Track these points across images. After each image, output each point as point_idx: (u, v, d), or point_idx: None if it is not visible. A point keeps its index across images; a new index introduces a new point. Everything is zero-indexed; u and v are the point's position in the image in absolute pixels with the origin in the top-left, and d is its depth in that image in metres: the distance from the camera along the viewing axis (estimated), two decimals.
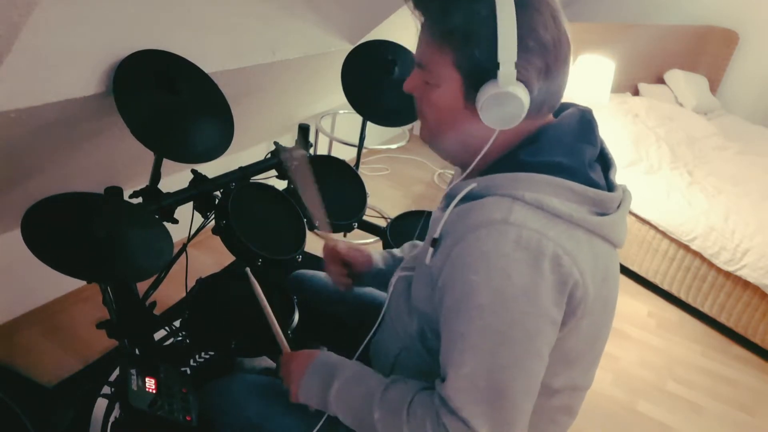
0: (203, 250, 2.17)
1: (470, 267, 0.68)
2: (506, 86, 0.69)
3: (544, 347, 0.70)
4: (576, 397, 0.85)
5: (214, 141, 1.27)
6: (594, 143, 0.78)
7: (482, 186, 0.74)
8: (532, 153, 0.74)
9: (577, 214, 0.70)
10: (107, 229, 0.99)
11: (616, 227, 0.74)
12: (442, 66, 0.73)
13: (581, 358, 0.79)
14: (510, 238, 0.66)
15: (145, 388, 0.93)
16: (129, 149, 1.37)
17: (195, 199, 1.34)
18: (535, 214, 0.68)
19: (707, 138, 2.98)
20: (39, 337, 1.71)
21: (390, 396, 0.78)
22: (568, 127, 0.77)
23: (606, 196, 0.73)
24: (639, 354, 2.14)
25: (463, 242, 0.69)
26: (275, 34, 1.59)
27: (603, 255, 0.73)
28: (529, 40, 0.68)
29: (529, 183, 0.70)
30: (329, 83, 2.14)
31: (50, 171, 1.39)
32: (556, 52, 0.71)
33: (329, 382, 0.83)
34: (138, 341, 1.30)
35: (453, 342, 0.71)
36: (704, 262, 2.32)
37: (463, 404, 0.69)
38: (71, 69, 1.08)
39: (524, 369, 0.69)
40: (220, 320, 1.21)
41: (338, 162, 1.68)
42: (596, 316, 0.74)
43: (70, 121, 1.18)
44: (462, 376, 0.69)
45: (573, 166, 0.73)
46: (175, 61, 1.24)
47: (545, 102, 0.74)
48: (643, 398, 1.93)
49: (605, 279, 0.74)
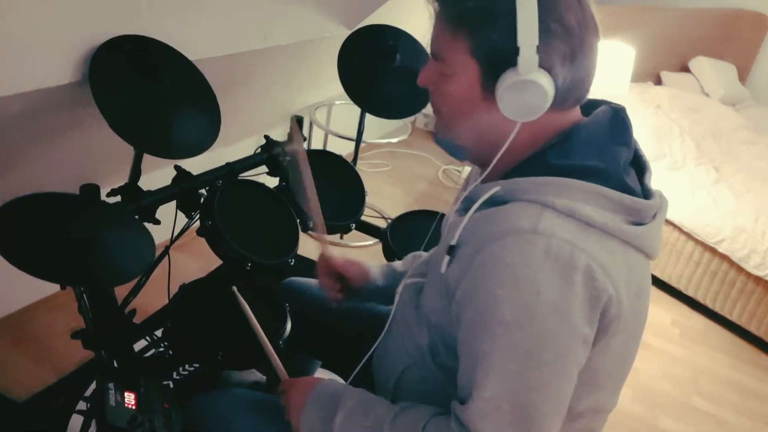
0: (187, 254, 2.17)
1: (494, 279, 0.67)
2: (527, 73, 0.68)
3: (573, 368, 0.69)
4: (599, 420, 0.84)
5: (199, 134, 1.27)
6: (629, 144, 0.77)
7: (506, 190, 0.73)
8: (563, 155, 0.73)
9: (612, 223, 0.69)
10: (83, 231, 0.99)
11: (652, 238, 0.73)
12: (458, 54, 0.73)
13: (608, 380, 0.78)
14: (539, 249, 0.65)
15: (124, 404, 0.93)
16: (106, 143, 1.37)
17: (178, 198, 1.34)
18: (567, 223, 0.67)
19: (735, 131, 2.99)
20: (9, 347, 1.71)
21: (400, 424, 0.77)
22: (600, 126, 0.76)
23: (643, 204, 0.73)
24: (661, 366, 2.15)
25: (486, 252, 0.68)
26: (266, 18, 1.59)
27: (637, 267, 0.72)
28: (551, 22, 0.67)
29: (559, 188, 0.69)
30: (325, 71, 2.14)
31: (20, 168, 1.39)
32: (582, 37, 0.70)
33: (332, 412, 0.82)
34: (116, 352, 1.30)
35: (475, 361, 0.70)
36: (732, 266, 2.32)
37: (484, 429, 0.68)
38: (43, 56, 1.07)
39: (553, 391, 0.68)
40: (206, 329, 1.21)
41: (334, 157, 1.68)
42: (628, 334, 0.74)
43: (42, 113, 1.18)
44: (484, 399, 0.68)
45: (607, 170, 0.72)
46: (156, 48, 1.23)
47: (571, 92, 0.73)
48: (665, 414, 1.93)
49: (639, 294, 0.73)
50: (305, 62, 2.00)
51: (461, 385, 0.73)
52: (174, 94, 1.23)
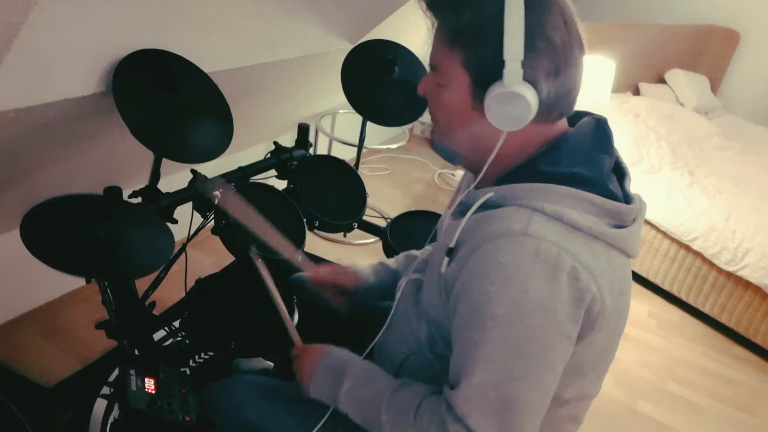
0: (202, 251, 2.17)
1: (487, 277, 0.67)
2: (512, 86, 0.68)
3: (557, 362, 0.70)
4: (583, 406, 0.85)
5: (214, 141, 1.27)
6: (611, 153, 0.78)
7: (500, 195, 0.73)
8: (552, 162, 0.73)
9: (596, 226, 0.69)
10: (108, 229, 0.99)
11: (632, 239, 0.74)
12: (452, 66, 0.73)
13: (592, 370, 0.79)
14: (529, 250, 0.66)
15: (144, 389, 0.93)
16: (128, 149, 1.37)
17: (194, 199, 1.34)
18: (555, 227, 0.68)
19: (708, 138, 2.99)
20: (38, 337, 1.71)
21: (398, 399, 0.78)
22: (585, 136, 0.77)
23: (624, 209, 0.73)
24: (639, 354, 2.15)
25: (481, 251, 0.69)
26: (275, 34, 1.59)
27: (619, 267, 0.73)
28: (537, 40, 0.68)
29: (548, 194, 0.70)
30: (329, 83, 2.14)
31: (49, 171, 1.39)
32: (566, 54, 0.70)
33: (340, 380, 0.84)
34: (137, 341, 1.30)
35: (465, 350, 0.71)
36: (705, 263, 2.32)
37: (470, 413, 0.69)
38: (70, 68, 1.08)
39: (536, 383, 0.69)
40: (220, 320, 1.21)
41: (338, 162, 1.68)
42: (611, 329, 0.74)
43: (69, 121, 1.19)
44: (472, 385, 0.69)
45: (592, 177, 0.73)
46: (174, 61, 1.24)
47: (555, 105, 0.73)
48: (643, 398, 1.93)
49: (621, 292, 0.74)
50: (311, 74, 2.00)
51: (452, 371, 0.73)
52: (190, 104, 1.23)
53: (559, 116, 0.76)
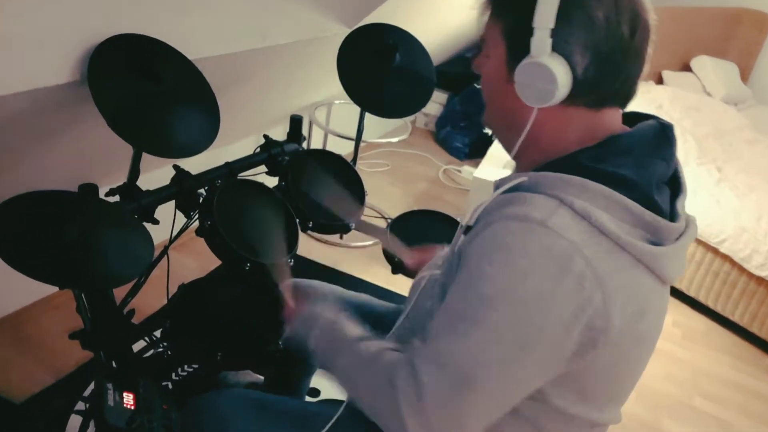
0: (186, 253, 2.18)
1: (487, 255, 0.68)
2: (539, 56, 0.69)
3: (533, 364, 0.69)
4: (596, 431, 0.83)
5: (198, 134, 1.27)
6: (668, 160, 0.77)
7: (532, 181, 0.73)
8: (595, 158, 0.73)
9: (625, 236, 0.68)
10: (81, 231, 0.99)
11: (668, 261, 0.72)
12: (494, 36, 0.76)
13: (596, 395, 0.77)
14: (541, 243, 0.66)
15: (122, 404, 0.93)
16: (105, 143, 1.37)
17: (177, 198, 1.34)
18: (579, 225, 0.67)
19: (738, 131, 2.99)
20: (7, 348, 1.71)
21: (362, 346, 0.81)
22: (643, 138, 0.75)
23: (664, 225, 0.71)
24: (663, 367, 2.15)
25: (491, 228, 0.69)
26: (265, 17, 1.59)
27: (644, 288, 0.71)
28: (574, 9, 0.68)
29: (581, 189, 0.69)
30: (324, 71, 2.14)
31: (19, 167, 1.39)
32: (610, 33, 0.69)
33: (310, 327, 0.88)
34: (115, 353, 1.30)
35: (446, 315, 0.72)
36: (734, 267, 2.32)
37: (428, 370, 0.69)
38: (42, 55, 1.08)
39: (502, 373, 0.68)
40: (205, 330, 1.21)
41: (334, 157, 1.68)
42: (621, 353, 0.73)
43: (41, 112, 1.18)
44: (440, 349, 0.69)
45: (637, 181, 0.71)
46: (155, 47, 1.24)
47: (596, 87, 0.72)
48: (667, 416, 1.93)
49: (642, 313, 0.72)
50: (305, 61, 2.00)
51: (429, 327, 0.73)
52: (173, 93, 1.23)
53: (601, 103, 0.75)
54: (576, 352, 0.69)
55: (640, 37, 0.72)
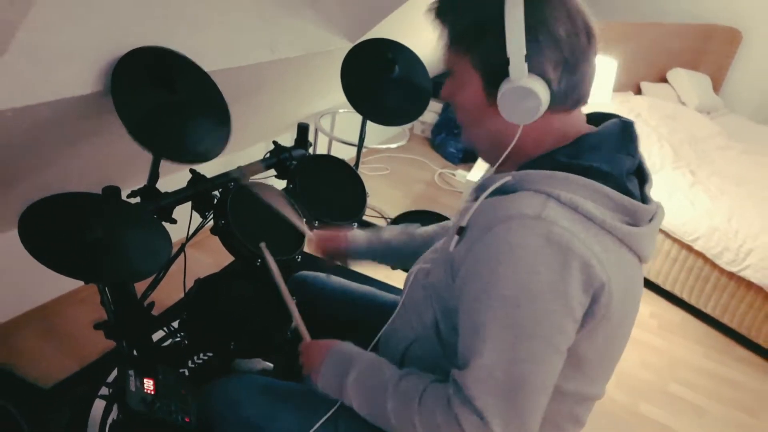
0: (202, 250, 2.17)
1: (497, 258, 0.68)
2: (519, 80, 0.70)
3: (563, 344, 0.70)
4: (584, 406, 0.84)
5: (213, 140, 1.27)
6: (634, 155, 0.79)
7: (517, 180, 0.74)
8: (570, 155, 0.75)
9: (609, 220, 0.70)
10: (105, 230, 0.99)
11: (644, 241, 0.75)
12: (464, 69, 0.76)
13: (592, 367, 0.79)
14: (540, 234, 0.67)
15: (143, 390, 0.93)
16: (127, 149, 1.37)
17: (193, 199, 1.34)
18: (569, 215, 0.69)
19: (710, 137, 2.99)
20: (36, 338, 1.71)
21: (403, 386, 0.79)
22: (609, 136, 0.78)
23: (640, 208, 0.74)
24: (641, 355, 2.15)
25: (492, 233, 0.70)
26: (274, 32, 1.59)
27: (628, 266, 0.74)
28: (539, 32, 0.70)
29: (565, 183, 0.71)
30: (329, 82, 2.14)
31: (47, 171, 1.39)
32: (573, 44, 0.71)
33: (346, 372, 0.85)
34: (136, 342, 1.30)
35: (474, 331, 0.71)
36: (707, 263, 2.32)
37: (479, 394, 0.69)
38: (68, 68, 1.08)
39: (543, 364, 0.69)
40: (219, 321, 1.21)
41: (338, 161, 1.68)
42: (613, 327, 0.74)
43: (67, 121, 1.18)
44: (480, 366, 0.69)
45: (611, 172, 0.74)
46: (173, 59, 1.24)
47: (569, 94, 0.75)
48: (644, 400, 1.93)
49: (627, 290, 0.74)
50: (311, 73, 2.00)
51: (461, 353, 0.73)
52: (189, 103, 1.23)
53: (574, 105, 0.77)
54: (581, 324, 0.70)
55: (593, 42, 0.74)
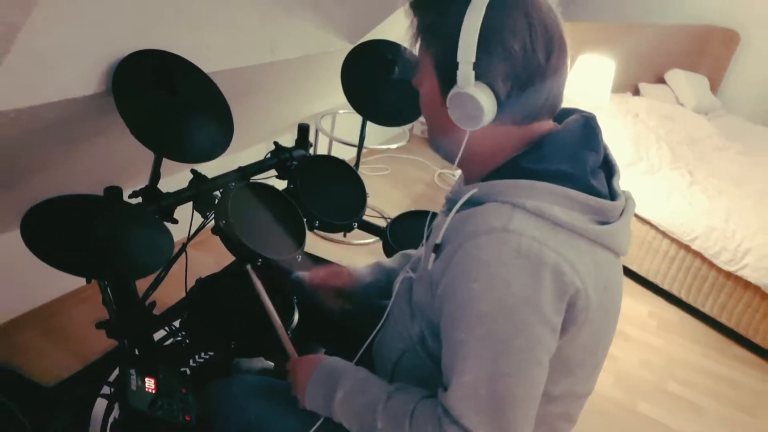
0: (203, 250, 2.17)
1: (470, 275, 0.67)
2: (464, 87, 0.70)
3: (544, 355, 0.70)
4: (576, 404, 0.84)
5: (214, 140, 1.27)
6: (597, 150, 0.78)
7: (483, 192, 0.74)
8: (534, 160, 0.74)
9: (578, 223, 0.69)
10: (107, 229, 0.99)
11: (618, 236, 0.74)
12: (426, 63, 0.76)
13: (581, 366, 0.79)
14: (510, 247, 0.66)
15: (144, 388, 0.93)
16: (128, 149, 1.37)
17: (194, 199, 1.34)
18: (536, 223, 0.68)
19: (708, 138, 2.99)
20: (38, 337, 1.71)
21: (393, 405, 0.78)
22: (572, 134, 0.77)
23: (608, 205, 0.73)
24: (639, 354, 2.15)
25: (463, 250, 0.69)
26: (275, 34, 1.59)
27: (605, 264, 0.73)
28: (491, 43, 0.68)
29: (529, 190, 0.70)
30: (329, 83, 2.14)
31: (49, 171, 1.39)
32: (526, 61, 0.70)
33: (333, 390, 0.83)
34: (137, 341, 1.30)
35: (454, 350, 0.71)
36: (705, 263, 2.32)
37: (465, 412, 0.69)
38: (70, 69, 1.08)
39: (525, 377, 0.69)
40: (220, 320, 1.21)
41: (338, 162, 1.68)
42: (597, 325, 0.74)
43: (70, 121, 1.19)
44: (463, 384, 0.69)
45: (575, 173, 0.73)
46: (174, 61, 1.24)
47: (520, 109, 0.73)
48: (643, 399, 1.93)
49: (607, 288, 0.73)
50: (311, 74, 2.00)
51: (444, 372, 0.73)
52: (190, 104, 1.23)
53: (531, 120, 0.76)
54: (562, 329, 0.70)
55: (555, 58, 0.72)
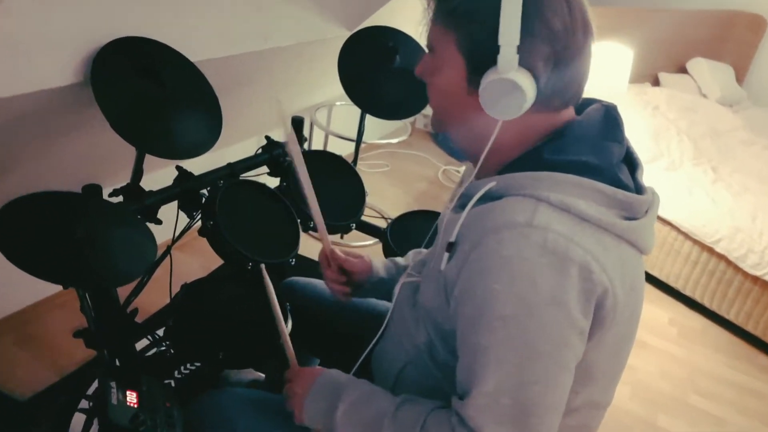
0: (189, 253, 2.17)
1: (491, 274, 0.67)
2: (506, 72, 0.69)
3: (572, 359, 0.69)
4: (595, 416, 0.84)
5: (201, 135, 1.27)
6: (621, 141, 0.78)
7: (502, 185, 0.73)
8: (557, 151, 0.73)
9: (605, 218, 0.69)
10: (84, 230, 0.98)
11: (644, 233, 0.74)
12: (447, 48, 0.74)
13: (603, 374, 0.78)
14: (535, 242, 0.65)
15: (125, 402, 0.93)
16: (108, 144, 1.37)
17: (180, 198, 1.34)
18: (561, 217, 0.68)
19: (733, 132, 2.99)
20: (11, 346, 1.70)
21: (402, 416, 0.77)
22: (594, 124, 0.77)
23: (635, 199, 0.73)
24: (659, 364, 2.14)
25: (483, 246, 0.68)
26: (267, 20, 1.59)
27: (630, 262, 0.73)
28: (535, 23, 0.68)
29: (554, 183, 0.70)
30: (325, 73, 2.14)
31: (23, 168, 1.39)
32: (568, 40, 0.70)
33: (335, 403, 0.82)
34: (118, 351, 1.30)
35: (474, 356, 0.70)
36: (730, 266, 2.32)
37: (485, 424, 0.68)
38: (46, 57, 1.07)
39: (552, 384, 0.68)
40: (207, 329, 1.21)
41: (334, 158, 1.68)
42: (622, 328, 0.74)
43: (45, 114, 1.18)
44: (484, 393, 0.68)
45: (601, 165, 0.73)
46: (158, 49, 1.23)
47: (556, 94, 0.73)
48: (663, 412, 1.93)
49: (632, 288, 0.73)
50: (306, 63, 2.00)
51: (460, 380, 0.72)
52: (175, 95, 1.23)
53: (563, 106, 0.76)
54: (589, 333, 0.70)
55: (590, 39, 0.73)
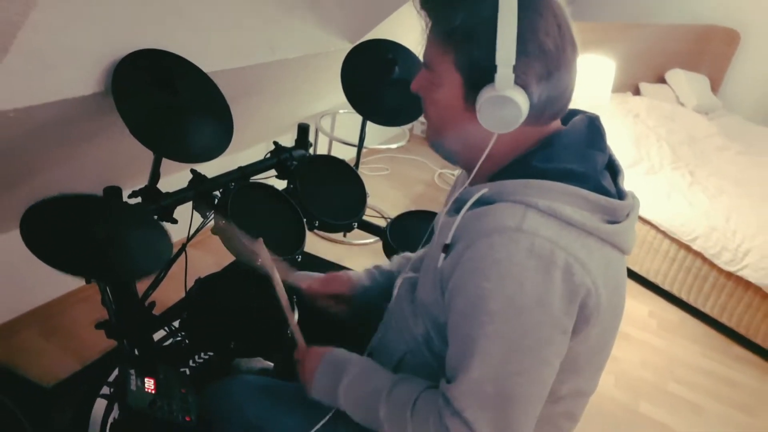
0: (202, 250, 2.17)
1: (482, 273, 0.68)
2: (503, 90, 0.69)
3: (553, 356, 0.70)
4: (579, 402, 0.85)
5: (214, 140, 1.27)
6: (604, 149, 0.79)
7: (494, 191, 0.74)
8: (545, 159, 0.74)
9: (590, 222, 0.70)
10: (106, 229, 0.99)
11: (626, 235, 0.75)
12: (445, 66, 0.74)
13: (588, 365, 0.79)
14: (523, 246, 0.66)
15: (144, 389, 0.93)
16: (128, 149, 1.37)
17: (194, 199, 1.34)
18: (549, 222, 0.68)
19: (708, 138, 2.99)
20: (38, 337, 1.71)
21: (397, 393, 0.79)
22: (578, 133, 0.77)
23: (618, 204, 0.74)
24: (640, 355, 2.15)
25: (475, 247, 0.69)
26: (275, 33, 1.59)
27: (614, 262, 0.74)
28: (529, 44, 0.68)
29: (542, 190, 0.70)
30: (329, 83, 2.14)
31: (48, 171, 1.39)
32: (558, 59, 0.71)
33: (339, 377, 0.85)
34: (137, 341, 1.30)
35: (462, 345, 0.71)
36: (705, 263, 2.32)
37: (468, 406, 0.69)
38: (70, 68, 1.07)
39: (533, 377, 0.69)
40: (220, 320, 1.21)
41: (338, 162, 1.68)
42: (606, 324, 0.75)
43: (69, 121, 1.18)
44: (469, 380, 0.69)
45: (586, 172, 0.73)
46: (174, 61, 1.24)
47: (547, 108, 0.74)
48: (644, 399, 1.93)
49: (616, 287, 0.74)
50: (311, 74, 2.00)
51: (449, 366, 0.74)
52: (190, 104, 1.23)
53: (551, 119, 0.77)
54: (574, 330, 0.70)
55: (576, 55, 0.73)
